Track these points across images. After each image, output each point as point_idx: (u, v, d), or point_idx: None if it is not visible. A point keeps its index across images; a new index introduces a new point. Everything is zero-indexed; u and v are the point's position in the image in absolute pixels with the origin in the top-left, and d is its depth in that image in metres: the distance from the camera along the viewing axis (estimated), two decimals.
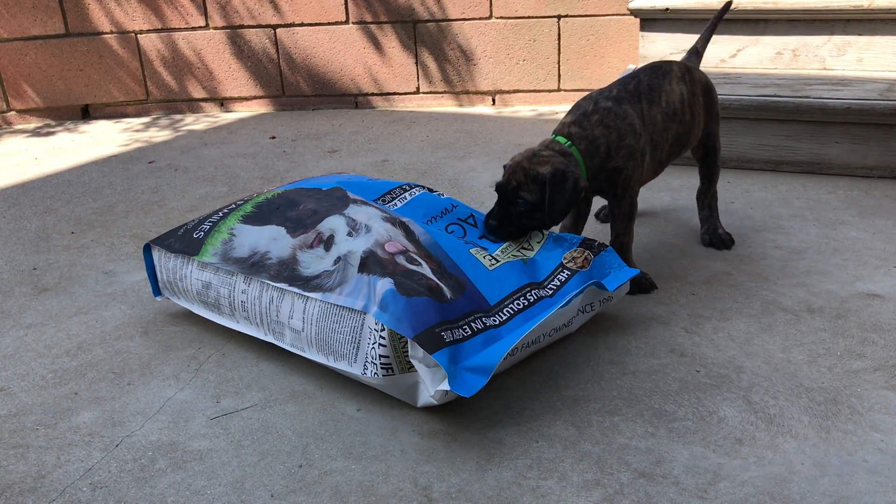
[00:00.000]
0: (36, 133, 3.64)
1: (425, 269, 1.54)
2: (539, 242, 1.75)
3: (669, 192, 2.51)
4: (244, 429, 1.46)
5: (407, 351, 1.44)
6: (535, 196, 1.74)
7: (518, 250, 1.74)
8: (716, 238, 2.14)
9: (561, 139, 1.82)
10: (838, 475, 1.28)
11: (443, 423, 1.45)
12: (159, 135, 3.51)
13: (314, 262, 1.59)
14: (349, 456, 1.38)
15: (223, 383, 1.61)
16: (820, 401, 1.46)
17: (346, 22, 3.66)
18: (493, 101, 3.74)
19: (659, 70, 1.96)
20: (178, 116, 3.80)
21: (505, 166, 1.83)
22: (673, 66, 1.99)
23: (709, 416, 1.44)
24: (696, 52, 2.17)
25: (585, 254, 1.72)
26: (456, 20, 3.61)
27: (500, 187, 1.79)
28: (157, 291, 1.86)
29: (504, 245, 1.76)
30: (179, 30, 3.70)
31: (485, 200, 2.50)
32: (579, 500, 1.25)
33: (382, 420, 1.47)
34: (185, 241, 1.76)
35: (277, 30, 3.69)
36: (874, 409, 1.43)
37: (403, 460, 1.36)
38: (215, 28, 3.70)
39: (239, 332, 1.77)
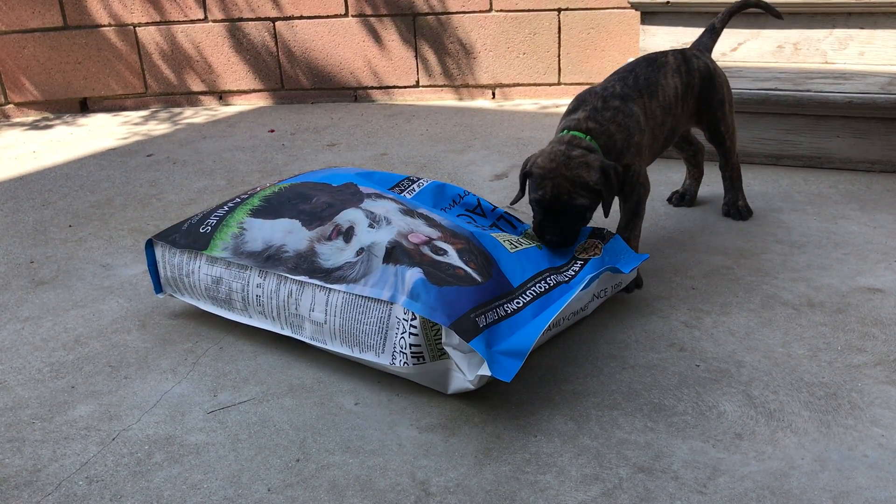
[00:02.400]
0: (34, 126, 3.63)
1: (452, 256, 1.54)
2: None
3: (670, 187, 2.50)
4: (241, 423, 1.45)
5: (439, 339, 1.44)
6: (590, 199, 1.70)
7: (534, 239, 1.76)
8: (733, 209, 2.24)
9: (580, 134, 1.77)
10: (838, 470, 1.27)
11: (441, 418, 1.44)
12: (158, 128, 3.50)
13: (334, 254, 1.58)
14: (347, 450, 1.37)
15: (220, 377, 1.60)
16: (820, 395, 1.45)
17: (346, 15, 3.64)
18: (493, 94, 3.73)
19: (654, 63, 1.95)
20: (176, 110, 3.79)
21: (528, 173, 1.75)
22: (668, 58, 1.98)
23: (708, 410, 1.43)
24: (713, 29, 2.18)
25: (596, 243, 1.75)
26: (456, 13, 3.59)
27: (550, 203, 1.70)
28: (158, 288, 1.84)
29: (519, 235, 1.78)
30: (178, 22, 3.69)
31: (484, 194, 2.49)
32: (578, 494, 1.24)
33: (380, 414, 1.46)
34: (190, 237, 1.74)
35: (276, 23, 3.68)
36: (875, 404, 1.42)
37: (401, 454, 1.35)
38: (214, 21, 3.68)
39: (237, 326, 1.76)
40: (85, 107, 3.83)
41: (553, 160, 1.72)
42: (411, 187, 1.89)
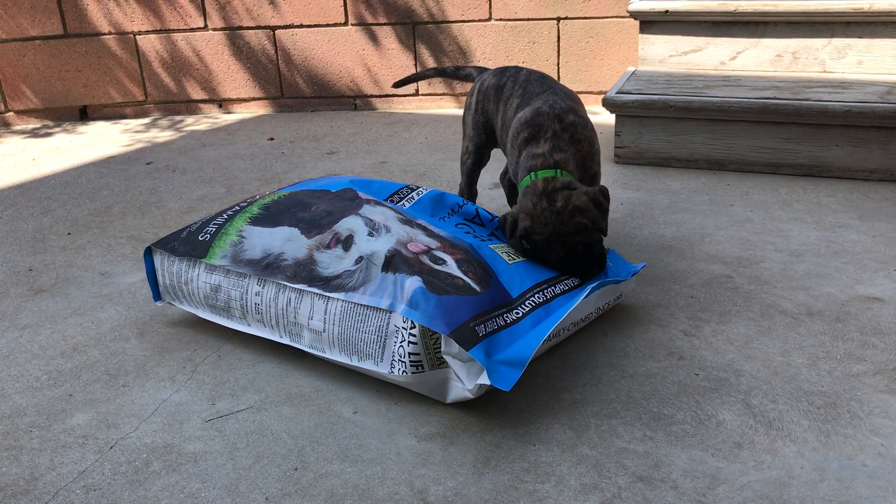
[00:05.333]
0: (34, 134, 3.63)
1: (451, 266, 1.55)
2: None
3: (668, 195, 2.51)
4: (239, 431, 1.45)
5: (438, 347, 1.43)
6: (597, 234, 1.68)
7: None
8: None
9: (549, 172, 1.70)
10: (838, 479, 1.27)
11: (439, 426, 1.44)
12: (157, 136, 3.50)
13: (333, 262, 1.58)
14: (345, 459, 1.36)
15: (219, 385, 1.60)
16: (819, 405, 1.45)
17: (346, 23, 3.65)
18: None
19: (535, 71, 2.00)
20: (177, 118, 3.80)
21: (526, 238, 1.68)
22: (524, 68, 2.04)
23: (708, 419, 1.43)
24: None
25: None
26: (455, 22, 3.60)
27: (570, 257, 1.66)
28: (157, 296, 1.83)
29: None
30: (178, 31, 3.70)
31: (483, 202, 2.49)
32: (577, 503, 1.24)
33: (379, 423, 1.46)
34: (189, 244, 1.74)
35: (276, 31, 3.68)
36: (874, 413, 1.42)
37: (400, 463, 1.35)
38: (214, 29, 3.69)
39: (235, 334, 1.76)
40: (85, 115, 3.84)
41: (545, 223, 1.64)
42: (410, 195, 1.90)
